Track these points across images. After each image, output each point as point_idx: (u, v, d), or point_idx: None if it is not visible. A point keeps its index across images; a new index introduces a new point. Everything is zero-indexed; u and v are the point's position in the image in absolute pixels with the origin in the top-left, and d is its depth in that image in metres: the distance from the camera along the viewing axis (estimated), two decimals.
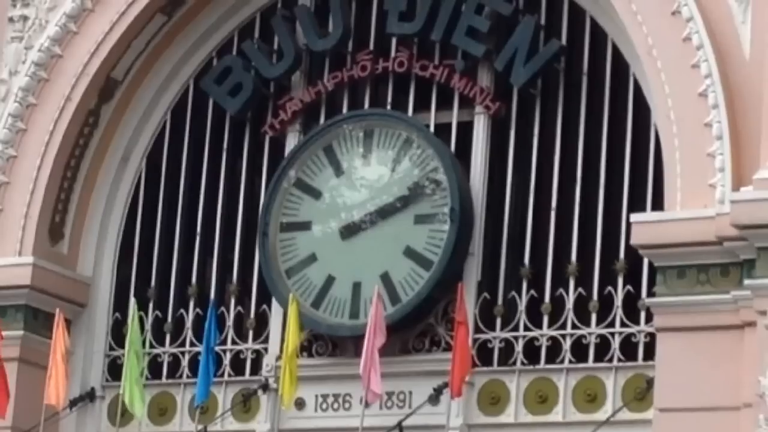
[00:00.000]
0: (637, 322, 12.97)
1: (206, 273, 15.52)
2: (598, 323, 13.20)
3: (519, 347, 13.49)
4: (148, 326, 14.80)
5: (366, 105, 14.95)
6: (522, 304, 13.56)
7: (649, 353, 12.64)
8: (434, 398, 13.29)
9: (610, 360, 13.05)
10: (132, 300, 14.56)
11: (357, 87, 15.12)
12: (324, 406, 14.24)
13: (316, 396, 14.13)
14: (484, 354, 13.52)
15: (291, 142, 15.10)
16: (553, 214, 13.77)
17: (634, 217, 12.54)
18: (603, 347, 13.15)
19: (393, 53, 14.64)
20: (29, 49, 15.41)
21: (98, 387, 15.19)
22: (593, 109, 13.87)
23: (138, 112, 15.95)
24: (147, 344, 14.60)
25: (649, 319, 12.67)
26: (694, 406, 11.90)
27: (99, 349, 15.44)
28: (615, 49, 13.69)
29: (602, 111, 13.82)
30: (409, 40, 14.53)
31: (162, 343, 15.23)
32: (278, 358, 14.03)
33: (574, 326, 13.23)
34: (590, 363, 13.17)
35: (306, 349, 13.88)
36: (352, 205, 14.73)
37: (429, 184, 14.28)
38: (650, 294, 12.63)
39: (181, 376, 14.94)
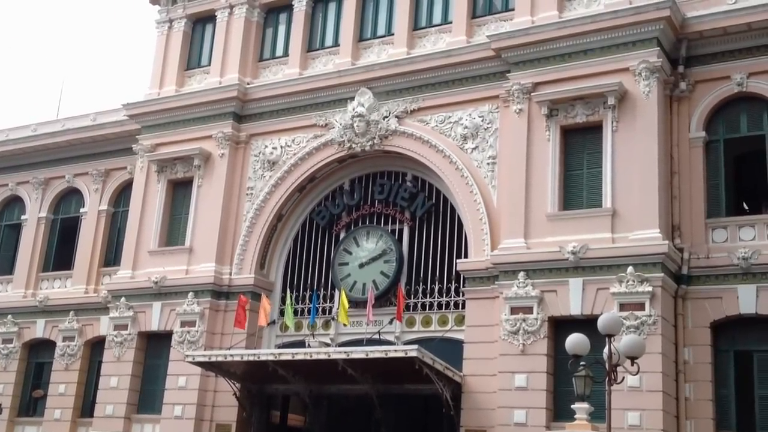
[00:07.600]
0: (460, 296, 21.97)
1: (313, 281, 24.79)
2: (447, 296, 22.46)
3: (418, 306, 22.83)
4: (292, 300, 23.18)
5: (367, 223, 24.36)
6: (420, 292, 22.90)
7: (464, 306, 21.44)
8: (390, 322, 22.45)
9: (450, 309, 22.40)
10: (288, 290, 24.23)
11: (364, 217, 24.53)
12: (353, 325, 23.46)
13: (351, 322, 22.97)
14: (408, 308, 22.44)
15: (341, 235, 24.57)
16: (431, 261, 22.96)
17: (459, 261, 21.59)
18: (448, 306, 22.42)
19: (376, 205, 24.27)
20: (252, 204, 25.37)
21: (276, 318, 24.90)
22: (445, 227, 23.15)
23: (295, 227, 25.02)
24: (292, 306, 22.89)
25: (464, 295, 21.40)
26: (480, 324, 20.61)
27: (276, 307, 25.10)
28: (452, 205, 22.84)
29: (446, 227, 23.21)
30: (382, 201, 23.99)
31: (298, 304, 24.55)
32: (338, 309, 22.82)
33: (438, 298, 22.78)
34: (443, 310, 22.48)
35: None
36: (362, 257, 24.07)
37: (389, 250, 23.61)
38: (464, 287, 21.34)
39: (303, 315, 24.42)
